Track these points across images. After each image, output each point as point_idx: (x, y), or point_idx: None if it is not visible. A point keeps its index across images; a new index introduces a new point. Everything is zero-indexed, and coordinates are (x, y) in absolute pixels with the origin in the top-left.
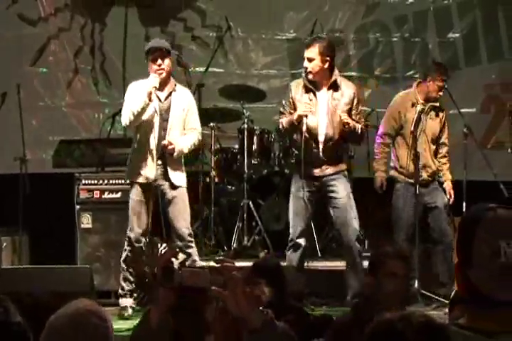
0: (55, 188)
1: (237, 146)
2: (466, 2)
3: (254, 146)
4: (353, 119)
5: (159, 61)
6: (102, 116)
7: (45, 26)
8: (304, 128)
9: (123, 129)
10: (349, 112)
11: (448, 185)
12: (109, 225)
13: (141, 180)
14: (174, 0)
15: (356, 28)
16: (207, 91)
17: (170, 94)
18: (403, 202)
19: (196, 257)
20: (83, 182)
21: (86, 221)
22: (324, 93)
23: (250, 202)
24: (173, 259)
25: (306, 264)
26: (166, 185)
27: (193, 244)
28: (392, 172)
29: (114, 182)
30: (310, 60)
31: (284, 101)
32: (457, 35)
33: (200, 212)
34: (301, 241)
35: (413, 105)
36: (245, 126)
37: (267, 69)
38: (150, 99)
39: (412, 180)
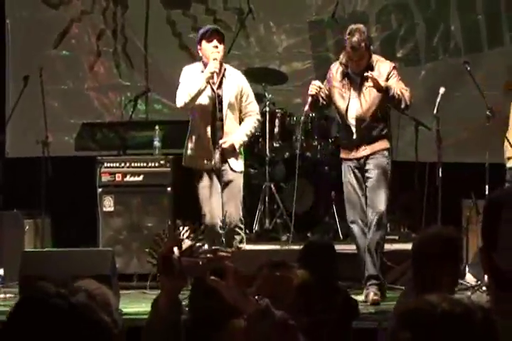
0: (77, 171)
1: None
2: None
3: (276, 129)
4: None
5: (215, 42)
6: (124, 99)
7: (68, 9)
8: (307, 106)
9: (145, 112)
10: None
11: None
12: (131, 208)
13: (198, 167)
14: None
15: (378, 10)
16: None
17: (221, 82)
18: None
19: (241, 244)
20: (105, 165)
21: (108, 204)
22: (358, 76)
23: (272, 185)
24: (175, 248)
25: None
26: (225, 167)
27: (240, 231)
28: None
29: (136, 165)
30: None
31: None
32: (480, 17)
33: None
34: (354, 225)
35: None
36: (267, 108)
37: (288, 51)
38: (208, 83)
39: None
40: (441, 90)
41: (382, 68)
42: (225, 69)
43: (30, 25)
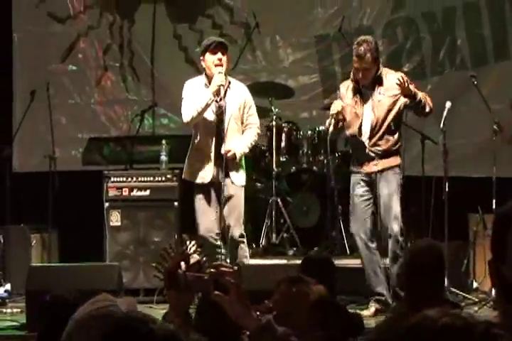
0: (84, 186)
1: (265, 143)
2: None
3: (283, 143)
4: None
5: (219, 55)
6: (130, 114)
7: (74, 24)
8: (331, 127)
9: (152, 126)
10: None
11: None
12: (138, 222)
13: (198, 180)
14: None
15: (384, 24)
16: None
17: (225, 93)
18: None
19: (245, 259)
20: (112, 179)
21: (115, 218)
22: (369, 90)
23: (279, 200)
24: (182, 263)
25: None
26: (226, 181)
27: (243, 245)
28: None
29: (142, 179)
30: (364, 62)
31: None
32: (486, 30)
33: None
34: (357, 238)
35: None
36: (273, 123)
37: (295, 65)
38: (215, 96)
39: None
40: (448, 104)
41: (392, 78)
42: (229, 82)
43: (37, 40)
